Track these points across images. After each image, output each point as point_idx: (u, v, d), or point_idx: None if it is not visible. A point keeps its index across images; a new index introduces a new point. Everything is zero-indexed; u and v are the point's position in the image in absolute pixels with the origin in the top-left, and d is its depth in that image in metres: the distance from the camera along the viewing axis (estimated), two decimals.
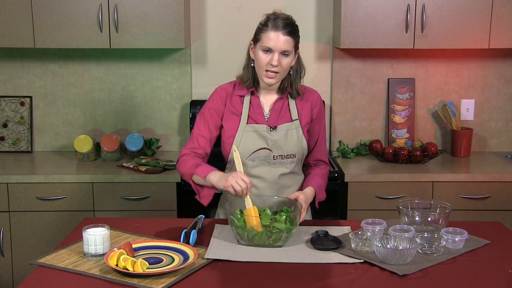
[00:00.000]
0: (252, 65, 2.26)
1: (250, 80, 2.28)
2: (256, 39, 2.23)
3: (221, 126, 2.32)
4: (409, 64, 3.62)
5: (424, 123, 3.68)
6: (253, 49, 2.25)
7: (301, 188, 2.33)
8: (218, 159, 2.37)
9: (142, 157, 3.34)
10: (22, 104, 3.63)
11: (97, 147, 3.48)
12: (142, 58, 3.60)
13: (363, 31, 3.24)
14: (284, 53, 2.18)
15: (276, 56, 2.17)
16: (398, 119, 3.62)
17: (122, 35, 3.21)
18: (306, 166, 2.43)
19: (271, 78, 2.21)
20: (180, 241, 2.04)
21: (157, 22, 3.21)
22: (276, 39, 2.16)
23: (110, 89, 3.64)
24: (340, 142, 3.61)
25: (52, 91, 3.63)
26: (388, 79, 3.62)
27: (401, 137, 3.61)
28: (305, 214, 2.13)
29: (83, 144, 3.39)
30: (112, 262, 1.82)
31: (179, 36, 3.22)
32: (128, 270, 1.78)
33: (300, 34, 2.26)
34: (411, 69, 3.63)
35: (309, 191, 2.24)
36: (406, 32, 3.24)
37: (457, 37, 3.25)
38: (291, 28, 2.19)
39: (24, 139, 3.65)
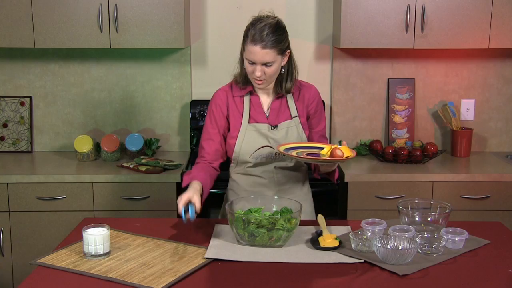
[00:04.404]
0: (244, 66, 2.27)
1: (242, 82, 2.30)
2: (243, 45, 2.23)
3: (228, 128, 2.34)
4: (409, 64, 3.62)
5: (424, 123, 3.68)
6: (243, 53, 2.24)
7: (305, 183, 2.45)
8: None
9: (142, 157, 3.34)
10: (22, 104, 3.64)
11: (97, 147, 3.48)
12: (142, 58, 3.60)
13: (363, 31, 3.24)
14: (267, 64, 2.18)
15: (258, 67, 2.18)
16: (398, 119, 3.62)
17: (122, 35, 3.22)
18: None
19: (259, 84, 2.25)
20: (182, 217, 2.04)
21: (157, 22, 3.21)
22: (255, 52, 2.15)
23: (110, 89, 3.64)
24: (340, 142, 3.60)
25: (52, 91, 3.63)
26: (388, 79, 3.62)
27: (401, 137, 3.61)
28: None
29: (83, 144, 3.39)
30: None
31: (179, 36, 3.22)
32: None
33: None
34: (411, 69, 3.63)
35: None
36: (406, 32, 3.24)
37: (457, 37, 3.25)
38: (272, 38, 2.14)
39: (24, 139, 3.65)
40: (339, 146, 2.14)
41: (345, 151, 2.10)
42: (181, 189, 3.12)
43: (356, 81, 3.64)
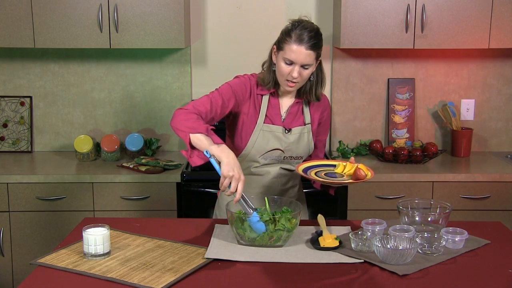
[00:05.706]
0: (273, 69, 2.24)
1: (271, 83, 2.27)
2: (279, 46, 2.19)
3: (236, 113, 2.28)
4: (409, 64, 3.62)
5: (424, 123, 3.68)
6: (275, 54, 2.22)
7: (300, 182, 2.45)
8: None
9: (142, 157, 3.34)
10: (22, 104, 3.64)
11: (97, 147, 3.48)
12: (142, 58, 3.60)
13: (363, 31, 3.24)
14: (305, 66, 2.17)
15: (297, 68, 2.15)
16: (398, 119, 3.62)
17: (122, 35, 3.22)
18: None
19: (291, 87, 2.22)
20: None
21: (157, 22, 3.21)
22: (299, 52, 2.13)
23: (110, 89, 3.64)
24: (340, 142, 3.61)
25: (52, 91, 3.64)
26: (388, 79, 3.62)
27: (401, 137, 3.61)
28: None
29: (83, 144, 3.39)
30: None
31: (179, 36, 3.22)
32: None
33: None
34: (411, 69, 3.63)
35: None
36: (406, 32, 3.24)
37: (457, 37, 3.25)
38: (315, 41, 2.15)
39: (24, 139, 3.65)
40: (357, 165, 2.14)
41: (365, 171, 2.11)
42: (181, 189, 3.13)
43: (356, 81, 3.64)
